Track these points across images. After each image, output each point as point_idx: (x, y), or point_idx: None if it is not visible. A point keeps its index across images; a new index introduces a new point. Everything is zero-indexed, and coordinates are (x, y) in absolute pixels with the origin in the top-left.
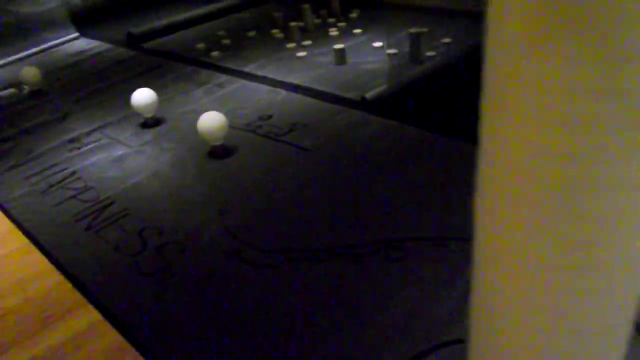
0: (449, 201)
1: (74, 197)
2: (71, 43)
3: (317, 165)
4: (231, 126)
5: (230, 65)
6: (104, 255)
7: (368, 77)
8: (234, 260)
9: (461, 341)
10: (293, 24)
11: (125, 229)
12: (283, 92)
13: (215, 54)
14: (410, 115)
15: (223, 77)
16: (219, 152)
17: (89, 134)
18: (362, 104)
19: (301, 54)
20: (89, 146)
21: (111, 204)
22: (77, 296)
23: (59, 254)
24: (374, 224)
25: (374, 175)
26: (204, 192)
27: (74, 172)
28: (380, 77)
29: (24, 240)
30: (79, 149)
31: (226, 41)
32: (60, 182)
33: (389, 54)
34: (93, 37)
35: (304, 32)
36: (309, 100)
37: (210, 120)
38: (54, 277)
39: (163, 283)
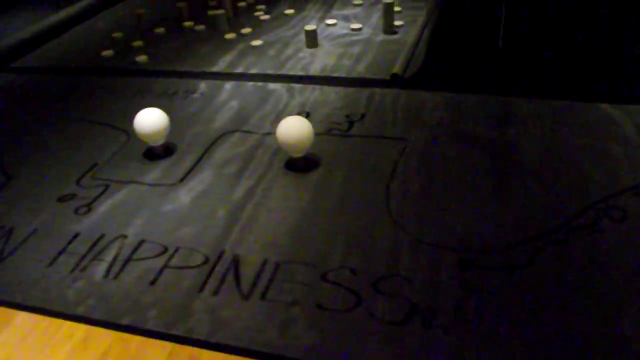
0: (604, 154)
1: (165, 267)
2: None
3: (431, 151)
4: (269, 133)
5: (182, 68)
6: (330, 326)
7: (359, 55)
8: (475, 272)
9: None
10: (219, 11)
11: (298, 281)
12: (287, 86)
13: (142, 58)
14: (450, 82)
15: (187, 83)
16: (301, 163)
17: (78, 182)
18: (394, 82)
19: (256, 43)
20: (107, 201)
21: (236, 262)
22: None
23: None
24: (563, 194)
25: (507, 147)
26: (338, 217)
27: (125, 236)
28: (370, 53)
29: (190, 352)
30: (89, 209)
31: (137, 43)
32: (116, 257)
33: (353, 29)
34: None
35: (229, 20)
36: (331, 88)
37: (296, 128)
38: None
39: (433, 328)
